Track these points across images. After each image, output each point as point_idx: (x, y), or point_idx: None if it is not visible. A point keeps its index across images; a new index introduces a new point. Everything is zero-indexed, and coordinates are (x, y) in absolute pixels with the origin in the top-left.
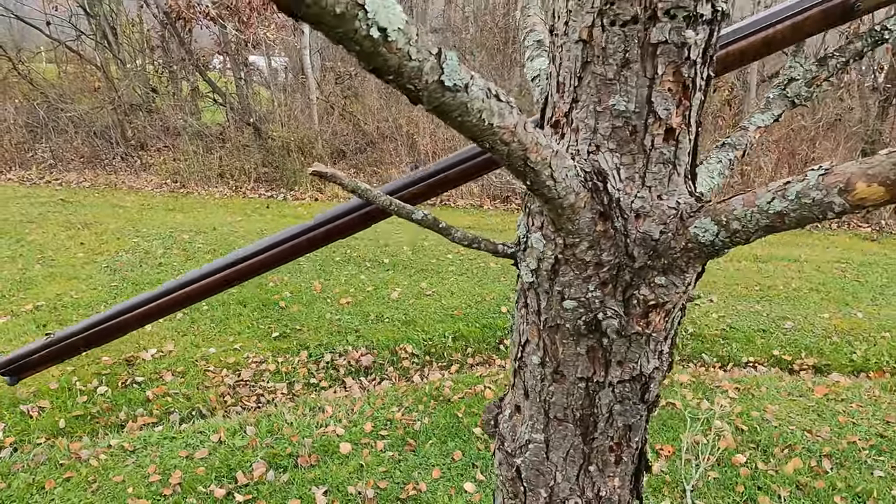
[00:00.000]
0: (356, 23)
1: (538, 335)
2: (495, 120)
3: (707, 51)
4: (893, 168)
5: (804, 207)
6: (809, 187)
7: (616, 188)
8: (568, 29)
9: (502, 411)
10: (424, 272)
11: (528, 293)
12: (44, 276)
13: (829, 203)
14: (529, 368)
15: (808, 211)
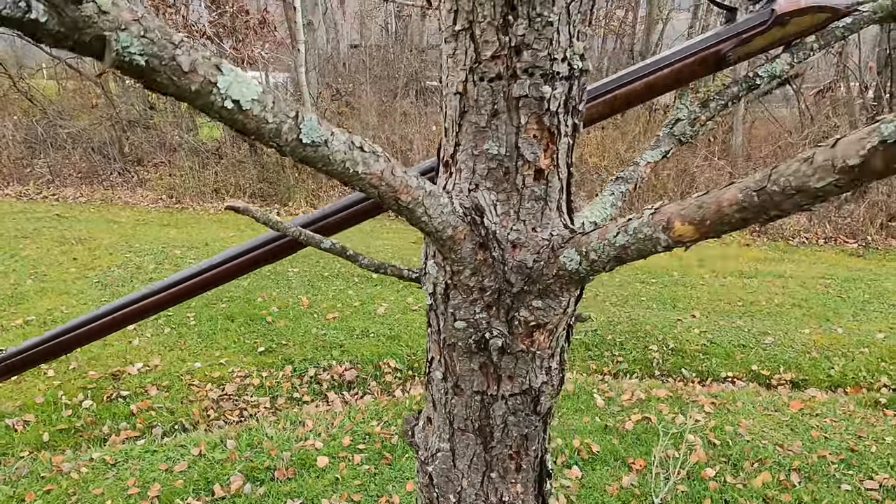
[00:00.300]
0: (211, 97)
1: (440, 353)
2: (360, 168)
3: (569, 102)
4: (698, 210)
5: (640, 241)
6: (643, 224)
7: (493, 222)
8: (448, 82)
9: (418, 423)
10: (411, 287)
11: (430, 314)
12: (35, 291)
13: (657, 238)
14: (435, 383)
15: (643, 245)
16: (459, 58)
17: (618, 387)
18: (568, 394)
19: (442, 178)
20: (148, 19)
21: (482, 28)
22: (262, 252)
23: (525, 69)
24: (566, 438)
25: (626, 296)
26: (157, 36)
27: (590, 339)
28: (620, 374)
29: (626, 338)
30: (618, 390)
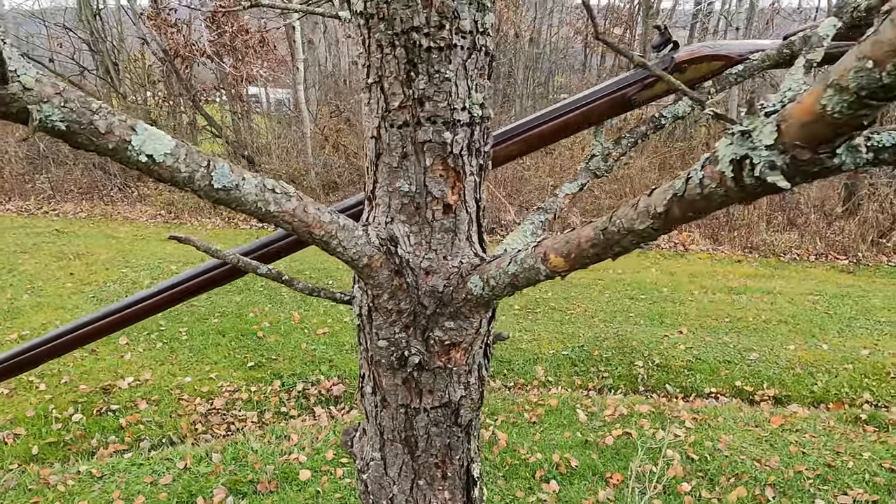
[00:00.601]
0: (127, 153)
1: (369, 369)
2: (272, 207)
3: (472, 145)
4: (566, 245)
5: (526, 270)
6: (528, 255)
7: (406, 251)
8: (366, 127)
9: (356, 434)
10: None
11: (359, 334)
12: (31, 306)
13: (538, 268)
14: (366, 397)
15: (528, 273)
16: (373, 106)
17: (601, 402)
18: (551, 409)
19: (366, 211)
20: (69, 91)
21: (389, 82)
22: (204, 279)
23: (428, 118)
24: (546, 453)
25: (615, 312)
26: (76, 105)
27: (576, 354)
28: (605, 390)
29: (612, 353)
30: (601, 405)
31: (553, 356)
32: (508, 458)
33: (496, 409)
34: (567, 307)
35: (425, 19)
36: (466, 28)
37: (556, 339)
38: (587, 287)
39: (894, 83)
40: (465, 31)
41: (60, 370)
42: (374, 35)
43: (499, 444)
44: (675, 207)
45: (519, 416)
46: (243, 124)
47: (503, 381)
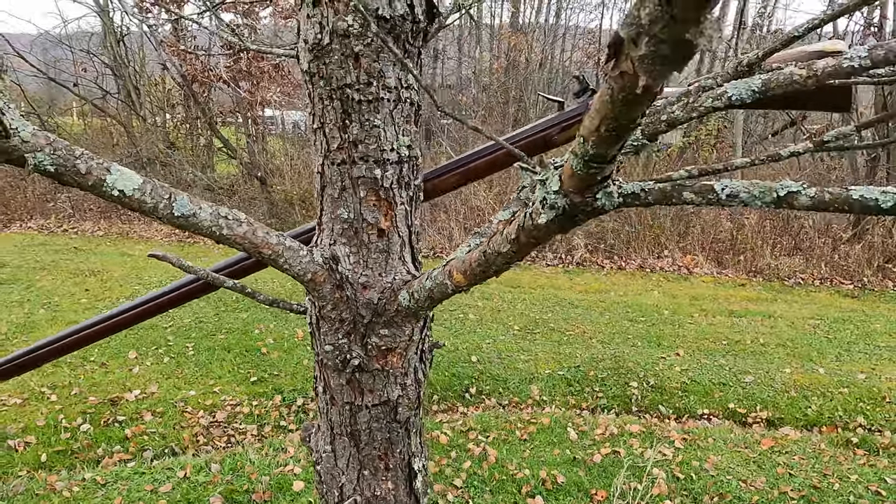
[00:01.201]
0: (103, 188)
1: (320, 371)
2: (225, 231)
3: (401, 180)
4: (462, 264)
5: (438, 285)
6: (439, 273)
7: (346, 268)
8: (314, 164)
9: (313, 430)
10: None
11: (312, 340)
12: (46, 320)
13: (446, 283)
14: (319, 395)
15: (439, 288)
16: (318, 147)
17: (593, 421)
18: (543, 427)
19: (316, 234)
20: (57, 142)
21: (329, 128)
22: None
23: (361, 157)
24: (534, 469)
25: (613, 333)
26: (63, 153)
27: (572, 375)
28: (598, 410)
29: (607, 374)
30: (592, 424)
31: (549, 376)
32: (497, 474)
33: (489, 426)
34: (566, 328)
35: (356, 78)
36: (391, 84)
37: (552, 360)
38: (588, 309)
39: (597, 152)
40: (391, 87)
41: (71, 382)
42: (316, 89)
43: (488, 459)
44: (521, 235)
45: (510, 433)
46: (257, 146)
47: (497, 399)
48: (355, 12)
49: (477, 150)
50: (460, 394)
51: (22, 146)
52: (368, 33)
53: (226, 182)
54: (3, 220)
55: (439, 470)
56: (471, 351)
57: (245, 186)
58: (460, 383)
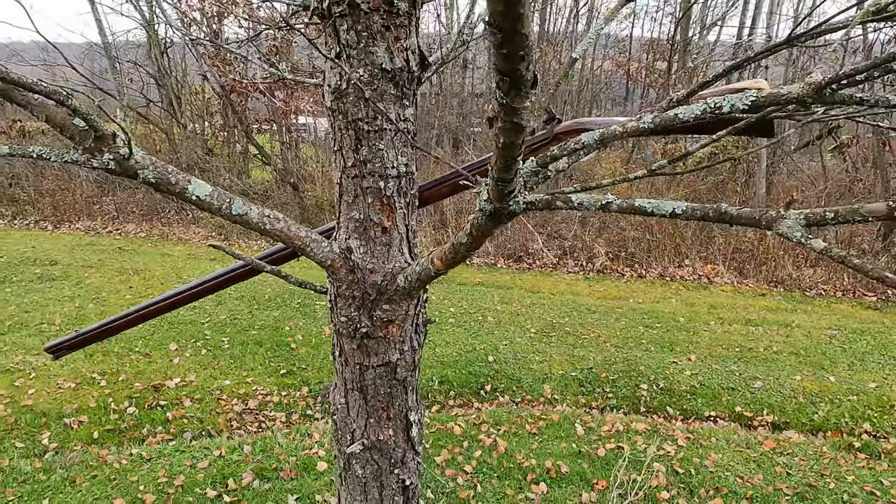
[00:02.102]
0: (186, 194)
1: (336, 338)
2: (268, 227)
3: (400, 190)
4: (441, 253)
5: (424, 270)
6: (425, 260)
7: (358, 257)
8: (335, 178)
9: (332, 388)
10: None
11: (331, 313)
12: (95, 314)
13: (429, 268)
14: (336, 358)
15: (425, 272)
16: (337, 164)
17: (600, 419)
18: (552, 423)
19: (335, 230)
20: (157, 162)
21: (345, 150)
22: (231, 276)
23: (369, 172)
24: (540, 460)
25: (628, 338)
26: (161, 170)
27: (584, 376)
28: (608, 409)
29: (619, 376)
30: (600, 422)
31: (562, 376)
32: (505, 462)
33: (500, 420)
34: (581, 332)
35: (365, 114)
36: (392, 118)
37: (566, 361)
38: (605, 314)
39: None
40: (392, 120)
41: (119, 369)
42: (336, 121)
43: (498, 449)
44: (473, 230)
45: (521, 427)
46: (291, 154)
47: (511, 396)
48: (366, 66)
49: (466, 164)
50: (476, 390)
51: (136, 165)
52: (375, 81)
53: (260, 188)
54: (54, 221)
55: (451, 457)
56: (488, 351)
57: (278, 192)
58: (476, 381)
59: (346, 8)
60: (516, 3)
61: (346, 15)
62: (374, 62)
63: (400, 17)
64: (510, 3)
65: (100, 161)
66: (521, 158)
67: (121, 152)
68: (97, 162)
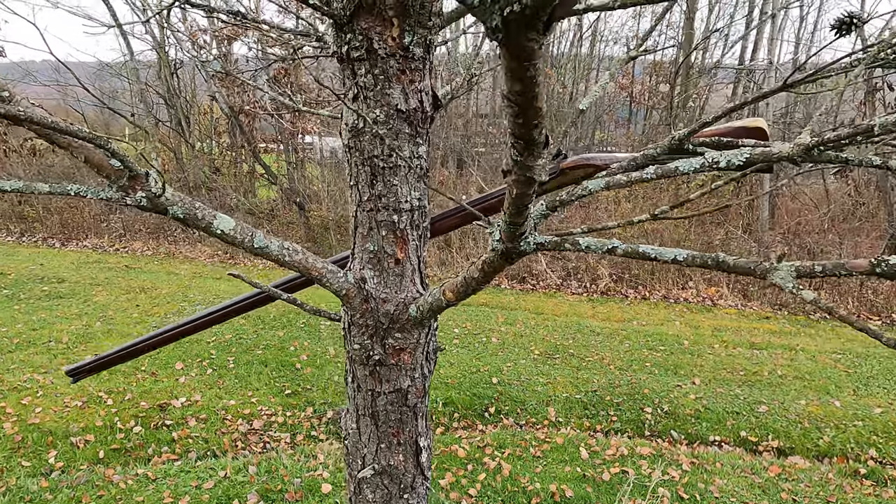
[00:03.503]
0: (211, 228)
1: (349, 364)
2: (287, 259)
3: (413, 223)
4: (452, 285)
5: (435, 301)
6: (437, 291)
7: (371, 287)
8: (350, 211)
9: (343, 413)
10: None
11: (344, 340)
12: (102, 333)
13: (441, 299)
14: (349, 384)
15: (437, 303)
16: (353, 197)
17: (605, 442)
18: (557, 446)
19: (350, 260)
20: (184, 199)
21: (361, 185)
22: (248, 302)
23: (384, 206)
24: (544, 483)
25: (632, 361)
26: (188, 205)
27: (588, 398)
28: (612, 432)
29: (623, 399)
30: (604, 445)
31: (566, 399)
32: (509, 486)
33: (504, 442)
34: (585, 354)
35: (381, 151)
36: (405, 155)
37: (570, 384)
38: (608, 336)
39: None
40: (405, 157)
41: (125, 388)
42: (353, 157)
43: (502, 473)
44: (485, 266)
45: (525, 450)
46: (297, 173)
47: (515, 419)
48: (381, 107)
49: (472, 200)
50: (480, 413)
51: (166, 202)
52: (390, 121)
53: (266, 207)
54: (62, 238)
55: (456, 480)
56: (492, 373)
57: (284, 211)
58: (481, 403)
59: (363, 53)
60: (533, 84)
61: (364, 59)
62: (389, 103)
63: (415, 62)
64: (527, 84)
65: (133, 198)
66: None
67: (153, 190)
68: (131, 199)
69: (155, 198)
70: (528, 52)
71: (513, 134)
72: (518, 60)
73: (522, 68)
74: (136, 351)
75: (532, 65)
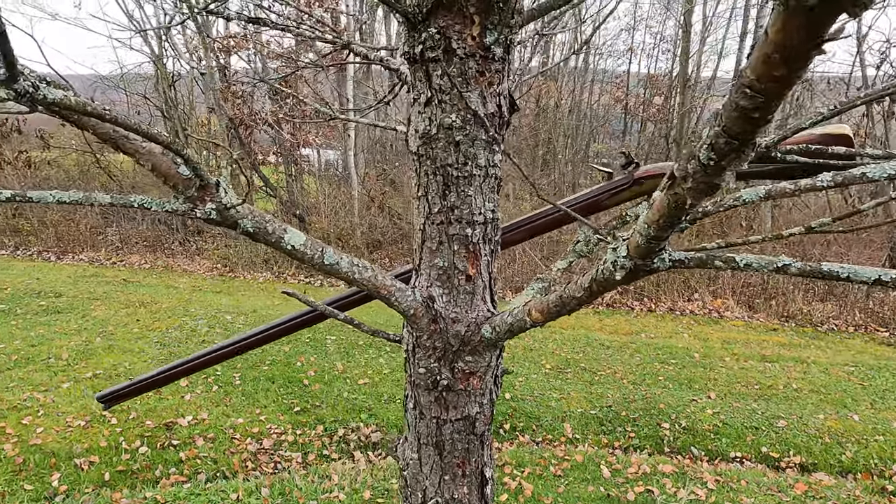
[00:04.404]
0: (282, 244)
1: (411, 389)
2: (357, 276)
3: (486, 237)
4: (540, 305)
5: (517, 321)
6: (519, 311)
7: (440, 306)
8: (415, 223)
9: (399, 441)
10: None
11: (406, 364)
12: (103, 349)
13: (525, 320)
14: (409, 411)
15: (519, 323)
16: (421, 210)
17: (625, 460)
18: (576, 464)
19: (413, 277)
20: (255, 211)
21: (431, 196)
22: (301, 321)
23: (457, 219)
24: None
25: (644, 374)
26: (258, 219)
27: (604, 414)
28: (631, 449)
29: (639, 415)
30: (625, 463)
31: (581, 415)
32: None
33: (523, 461)
34: (597, 368)
35: (455, 159)
36: (482, 164)
37: (584, 399)
38: (618, 350)
39: (656, 234)
40: (481, 165)
41: (129, 406)
42: (423, 166)
43: (524, 493)
44: (594, 285)
45: (545, 469)
46: (296, 185)
47: (531, 436)
48: (458, 111)
49: (539, 211)
50: (495, 430)
51: (237, 215)
52: (467, 126)
53: None
54: (57, 251)
55: None
56: (504, 388)
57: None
58: (495, 419)
59: (440, 53)
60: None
61: (441, 60)
62: (467, 107)
63: (495, 63)
64: (792, 64)
65: (202, 210)
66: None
67: (224, 202)
68: (200, 212)
69: (225, 210)
70: (822, 24)
71: (726, 130)
72: (806, 36)
73: (801, 49)
74: (174, 374)
75: (817, 44)
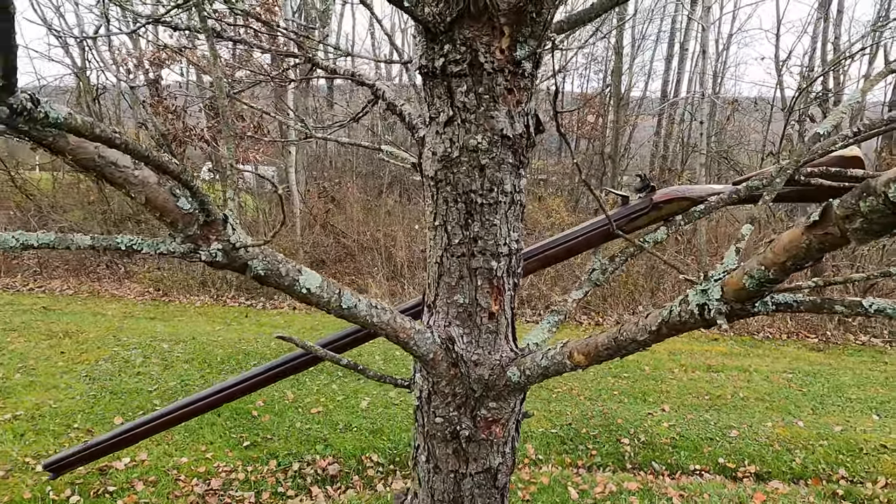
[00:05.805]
0: (296, 287)
1: (424, 441)
2: (375, 319)
3: (510, 269)
4: (586, 347)
5: (555, 364)
6: (556, 353)
7: (461, 348)
8: (430, 255)
9: (406, 498)
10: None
11: (417, 412)
12: (23, 386)
13: (564, 363)
14: (420, 465)
15: (556, 366)
16: (438, 241)
17: (591, 479)
18: (543, 487)
19: (426, 315)
20: (266, 252)
21: (451, 226)
22: (292, 365)
23: (480, 251)
24: None
25: (600, 389)
26: (270, 260)
27: (564, 432)
28: (594, 468)
29: (599, 431)
30: (591, 483)
31: (542, 434)
32: None
33: None
34: (553, 385)
35: (479, 185)
36: (508, 190)
37: (543, 418)
38: None
39: (774, 277)
40: (507, 192)
41: (55, 450)
42: (441, 193)
43: None
44: (663, 328)
45: (512, 493)
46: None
47: None
48: (484, 132)
49: (553, 238)
50: None
51: (246, 256)
52: (493, 149)
53: None
54: None
55: None
56: None
57: None
58: None
59: (465, 67)
60: None
61: (466, 75)
62: (493, 128)
63: (525, 79)
64: None
65: (206, 252)
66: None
67: (231, 241)
68: (204, 254)
69: (233, 251)
70: None
71: None
72: None
73: None
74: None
75: None
